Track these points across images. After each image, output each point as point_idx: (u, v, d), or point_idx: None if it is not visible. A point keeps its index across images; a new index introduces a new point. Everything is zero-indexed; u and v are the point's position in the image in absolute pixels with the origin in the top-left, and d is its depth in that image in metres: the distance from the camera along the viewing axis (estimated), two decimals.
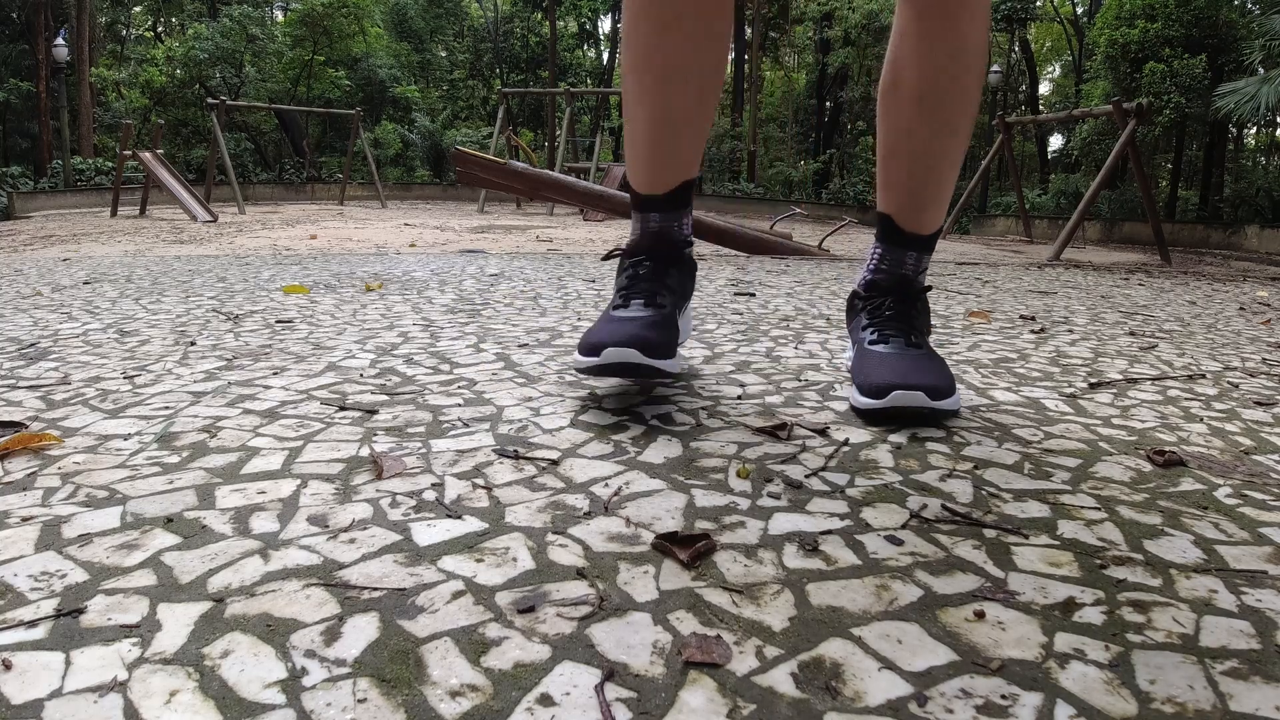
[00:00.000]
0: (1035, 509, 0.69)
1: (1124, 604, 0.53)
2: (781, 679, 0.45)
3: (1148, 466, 0.81)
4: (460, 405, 0.97)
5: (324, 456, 0.78)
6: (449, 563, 0.57)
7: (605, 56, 28.66)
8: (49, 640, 0.47)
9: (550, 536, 0.62)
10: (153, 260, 3.15)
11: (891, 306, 1.05)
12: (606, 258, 1.10)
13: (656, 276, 1.03)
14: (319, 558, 0.58)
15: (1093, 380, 1.20)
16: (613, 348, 0.91)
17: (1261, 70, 12.78)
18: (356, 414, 0.93)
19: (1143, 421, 0.98)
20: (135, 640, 0.47)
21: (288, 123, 22.70)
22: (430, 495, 0.69)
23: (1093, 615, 0.52)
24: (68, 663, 0.45)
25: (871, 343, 1.02)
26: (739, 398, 1.03)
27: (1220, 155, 17.30)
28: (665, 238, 1.05)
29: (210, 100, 16.28)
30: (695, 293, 2.24)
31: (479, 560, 0.58)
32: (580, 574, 0.56)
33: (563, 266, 3.01)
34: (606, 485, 0.72)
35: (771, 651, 0.47)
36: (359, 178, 20.02)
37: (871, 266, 1.09)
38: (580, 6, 26.44)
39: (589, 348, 0.93)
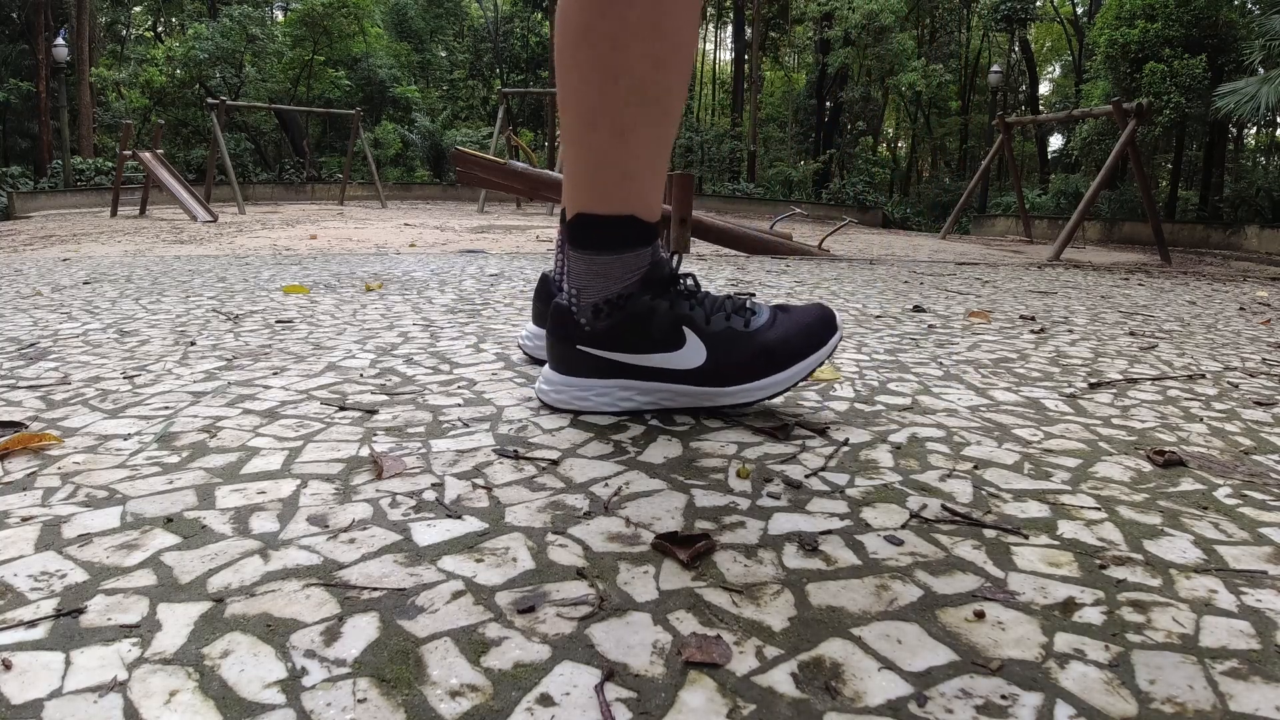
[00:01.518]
0: (1035, 509, 0.69)
1: (1124, 604, 0.53)
2: (781, 679, 0.45)
3: (1148, 466, 0.81)
4: (460, 405, 0.97)
5: (324, 456, 0.78)
6: (449, 563, 0.57)
7: None
8: (49, 640, 0.47)
9: (550, 536, 0.62)
10: (153, 260, 3.15)
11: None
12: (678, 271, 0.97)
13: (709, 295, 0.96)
14: (319, 558, 0.58)
15: (1093, 380, 1.20)
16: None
17: (1261, 70, 12.77)
18: (356, 414, 0.93)
19: (1143, 421, 0.98)
20: (135, 640, 0.47)
21: (288, 122, 22.72)
22: (430, 495, 0.69)
23: (1093, 615, 0.52)
24: (68, 663, 0.45)
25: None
26: None
27: (1220, 155, 17.30)
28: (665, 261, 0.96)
29: (210, 100, 16.28)
30: None
31: (479, 560, 0.58)
32: (580, 574, 0.56)
33: None
34: (606, 485, 0.72)
35: (771, 651, 0.47)
36: (359, 178, 20.02)
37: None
38: None
39: (823, 329, 0.93)
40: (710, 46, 34.15)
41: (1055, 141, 25.14)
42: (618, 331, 0.91)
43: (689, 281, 0.94)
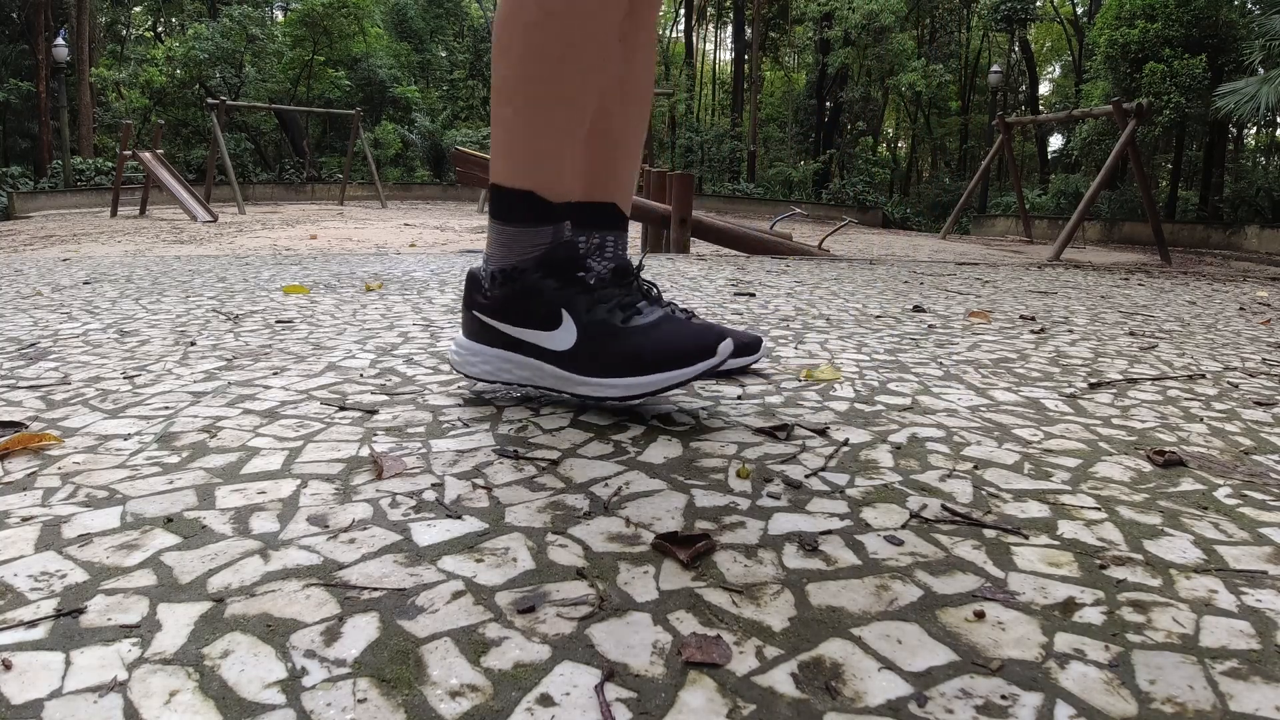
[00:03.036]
0: (1035, 509, 0.69)
1: (1124, 604, 0.53)
2: (781, 679, 0.45)
3: (1148, 466, 0.81)
4: (460, 405, 0.97)
5: (324, 456, 0.78)
6: (449, 563, 0.57)
7: None
8: (49, 640, 0.47)
9: (550, 536, 0.62)
10: (153, 260, 3.15)
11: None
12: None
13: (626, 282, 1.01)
14: (319, 558, 0.58)
15: (1093, 380, 1.20)
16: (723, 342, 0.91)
17: (1261, 70, 12.77)
18: (356, 414, 0.93)
19: (1143, 421, 0.98)
20: (135, 640, 0.47)
21: (288, 122, 22.72)
22: (430, 495, 0.69)
23: (1093, 615, 0.52)
24: (68, 663, 0.45)
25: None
26: (739, 398, 1.03)
27: (1220, 155, 17.29)
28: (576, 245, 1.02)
29: (210, 100, 16.28)
30: (696, 293, 2.25)
31: (479, 560, 0.58)
32: (580, 574, 0.56)
33: None
34: (606, 485, 0.72)
35: (771, 651, 0.47)
36: (359, 178, 20.01)
37: (619, 252, 1.02)
38: None
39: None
40: (710, 46, 34.16)
41: (1055, 141, 25.12)
42: (506, 303, 0.96)
43: (641, 282, 0.99)
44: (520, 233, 0.95)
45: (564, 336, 0.93)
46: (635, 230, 6.65)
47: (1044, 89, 30.45)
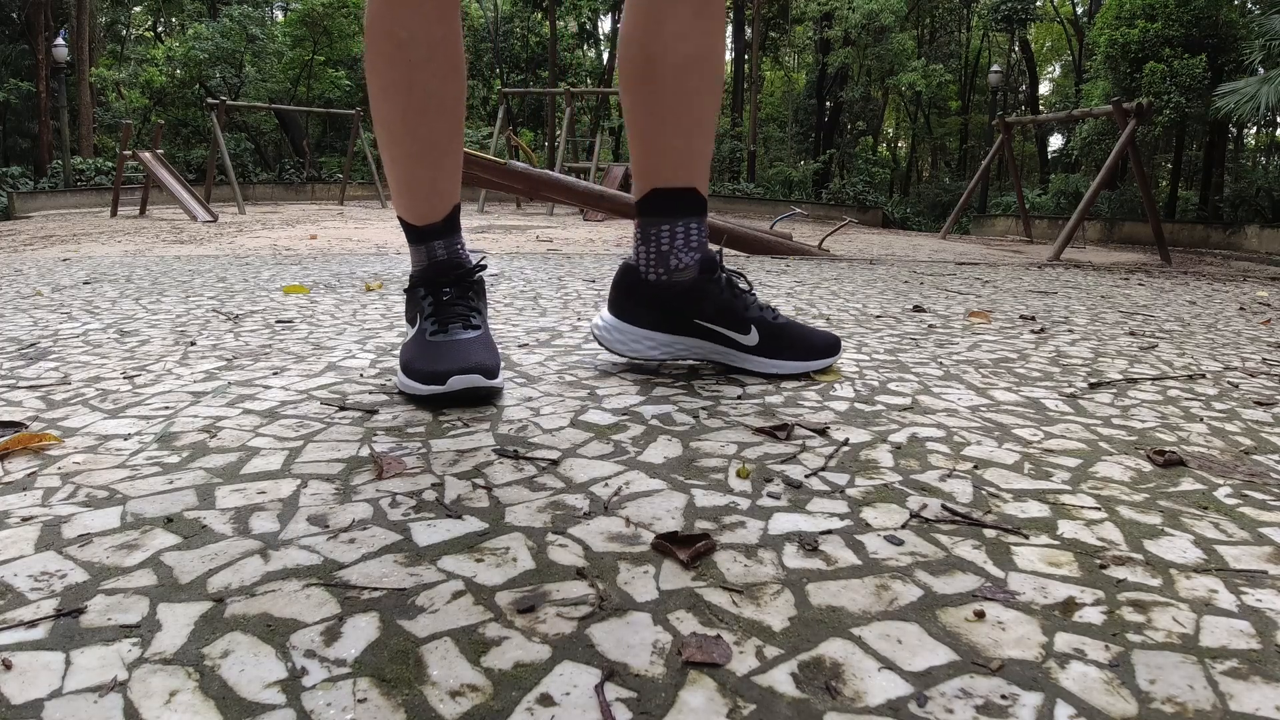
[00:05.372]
0: (1035, 509, 0.69)
1: (1124, 604, 0.53)
2: (781, 679, 0.45)
3: (1148, 466, 0.81)
4: (460, 405, 0.97)
5: (324, 456, 0.78)
6: (449, 563, 0.57)
7: (605, 56, 28.63)
8: (49, 640, 0.47)
9: (550, 536, 0.62)
10: (153, 260, 3.15)
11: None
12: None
13: (464, 300, 1.07)
14: (319, 558, 0.58)
15: (1093, 380, 1.20)
16: (459, 375, 0.94)
17: (1261, 70, 12.76)
18: (356, 414, 0.93)
19: (1143, 421, 0.98)
20: (135, 640, 0.47)
21: (288, 122, 22.73)
22: (430, 495, 0.69)
23: (1093, 615, 0.52)
24: (68, 663, 0.45)
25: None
26: (739, 398, 1.03)
27: (1220, 155, 17.27)
28: (457, 263, 1.10)
29: (210, 100, 16.28)
30: None
31: (479, 560, 0.58)
32: (580, 574, 0.56)
33: (563, 266, 3.01)
34: (606, 485, 0.72)
35: (771, 651, 0.47)
36: (359, 178, 20.00)
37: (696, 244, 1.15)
38: (580, 6, 26.41)
39: (429, 375, 0.95)
40: None
41: (1055, 141, 25.12)
42: (407, 300, 1.13)
43: (453, 290, 1.09)
44: (412, 250, 1.12)
45: (408, 332, 1.10)
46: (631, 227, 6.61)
47: (1044, 89, 30.46)
